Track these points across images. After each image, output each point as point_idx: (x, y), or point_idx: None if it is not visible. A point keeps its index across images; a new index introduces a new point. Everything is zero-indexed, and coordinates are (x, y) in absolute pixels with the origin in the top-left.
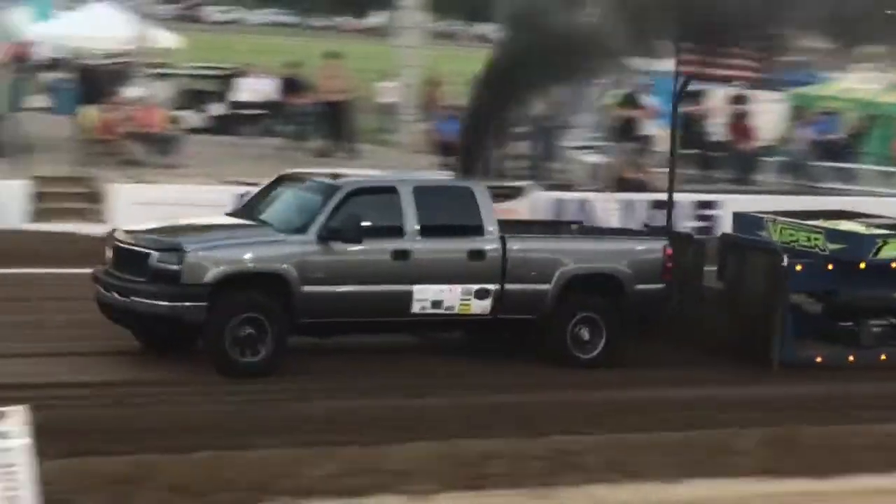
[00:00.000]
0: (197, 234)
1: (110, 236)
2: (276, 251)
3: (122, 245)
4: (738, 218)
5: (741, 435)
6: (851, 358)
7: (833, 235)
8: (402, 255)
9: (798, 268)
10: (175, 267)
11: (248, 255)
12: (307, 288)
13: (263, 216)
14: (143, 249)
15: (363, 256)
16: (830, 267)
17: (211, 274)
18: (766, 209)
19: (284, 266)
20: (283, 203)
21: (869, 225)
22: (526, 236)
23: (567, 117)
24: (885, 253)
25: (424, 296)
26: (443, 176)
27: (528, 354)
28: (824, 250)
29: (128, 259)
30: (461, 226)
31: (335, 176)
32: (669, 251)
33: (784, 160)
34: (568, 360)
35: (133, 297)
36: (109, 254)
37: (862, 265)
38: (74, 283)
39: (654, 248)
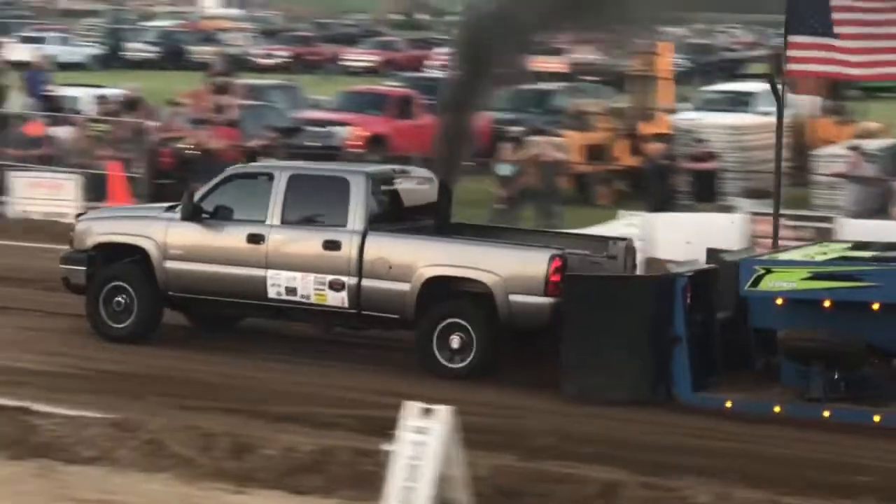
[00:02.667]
0: (108, 212)
1: None
2: (143, 227)
3: None
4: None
5: None
6: (777, 408)
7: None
8: (256, 238)
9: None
10: (70, 234)
11: (118, 228)
12: (168, 263)
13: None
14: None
15: (220, 237)
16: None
17: (89, 242)
18: None
19: (146, 241)
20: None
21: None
22: (390, 233)
23: None
24: (768, 284)
25: (277, 281)
26: (335, 166)
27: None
28: None
29: None
30: (324, 216)
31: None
32: (557, 263)
33: None
34: (435, 369)
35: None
36: None
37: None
38: None
39: (538, 258)
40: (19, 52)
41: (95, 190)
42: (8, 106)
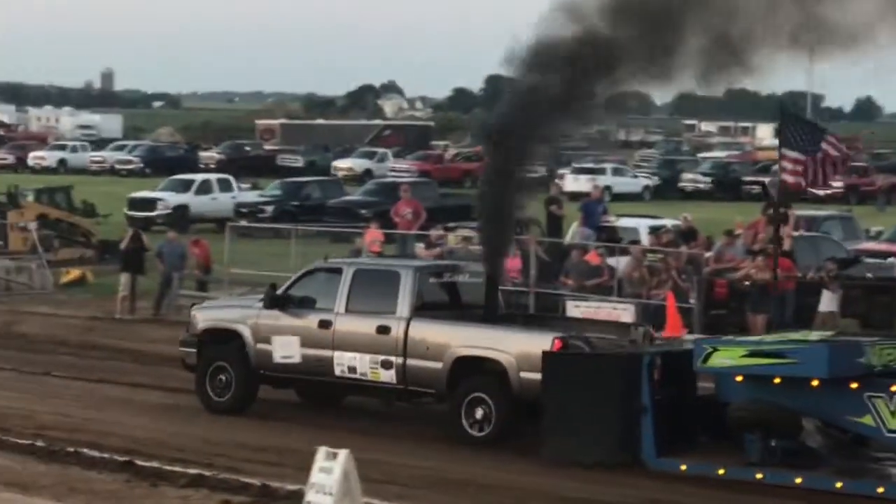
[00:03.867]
0: (216, 302)
1: None
2: (240, 314)
3: None
4: None
5: None
6: (721, 471)
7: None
8: (325, 324)
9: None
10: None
11: (220, 315)
12: (260, 345)
13: None
14: None
15: (297, 322)
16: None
17: (199, 327)
18: None
19: (241, 325)
20: None
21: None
22: (428, 319)
23: None
24: (714, 361)
25: (342, 361)
26: (391, 261)
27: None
28: None
29: None
30: (379, 304)
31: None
32: (559, 344)
33: None
34: (462, 436)
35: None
36: None
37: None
38: None
39: (543, 340)
40: (577, 183)
41: (650, 319)
42: (567, 236)
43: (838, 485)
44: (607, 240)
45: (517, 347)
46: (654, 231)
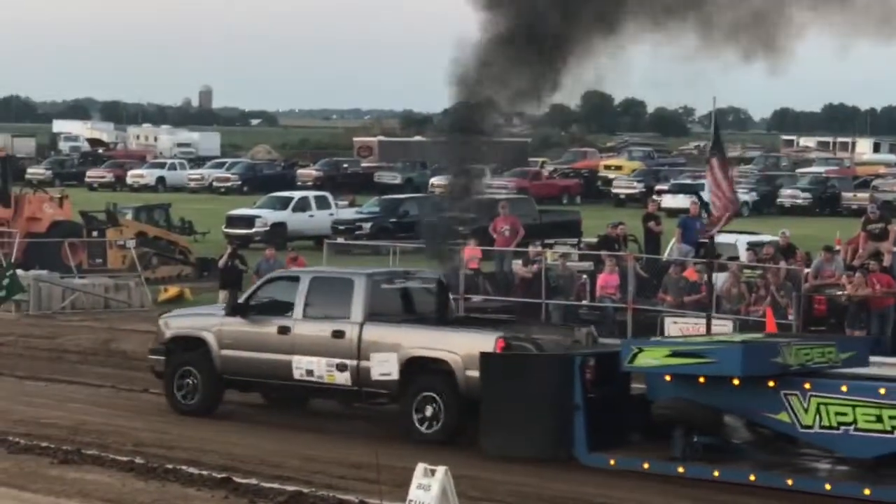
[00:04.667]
0: (181, 311)
1: None
2: (204, 322)
3: None
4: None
5: None
6: (646, 465)
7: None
8: (284, 329)
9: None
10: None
11: (185, 323)
12: (223, 351)
13: None
14: None
15: (257, 329)
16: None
17: (167, 335)
18: None
19: (206, 333)
20: None
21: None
22: (380, 323)
23: None
24: (640, 361)
25: (300, 364)
26: (345, 270)
27: None
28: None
29: None
30: (334, 310)
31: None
32: (501, 343)
33: None
34: (413, 434)
35: None
36: None
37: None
38: None
39: (486, 339)
40: (675, 199)
41: None
42: (665, 252)
43: (752, 477)
44: (705, 256)
45: (463, 347)
46: (753, 247)
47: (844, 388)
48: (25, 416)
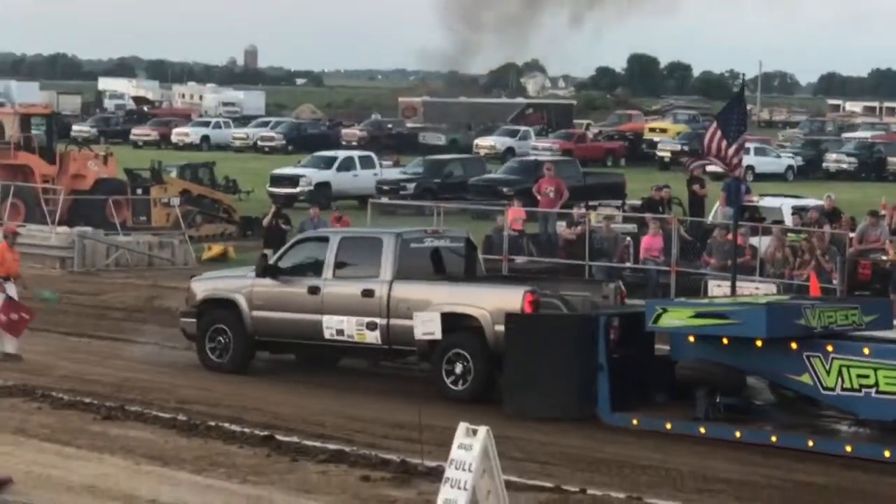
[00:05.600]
0: (211, 274)
1: None
2: (235, 284)
3: None
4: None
5: None
6: (669, 425)
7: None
8: (314, 290)
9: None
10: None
11: (217, 285)
12: (255, 312)
13: None
14: None
15: (288, 290)
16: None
17: (198, 298)
18: None
19: (237, 295)
20: None
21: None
22: (409, 281)
23: None
24: (664, 322)
25: (330, 324)
26: (374, 229)
27: None
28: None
29: None
30: (364, 270)
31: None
32: (530, 297)
33: None
34: (445, 391)
35: None
36: None
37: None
38: None
39: (515, 294)
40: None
41: None
42: (709, 216)
43: (773, 438)
44: (750, 219)
45: (492, 303)
46: (798, 211)
47: (867, 351)
48: (69, 373)
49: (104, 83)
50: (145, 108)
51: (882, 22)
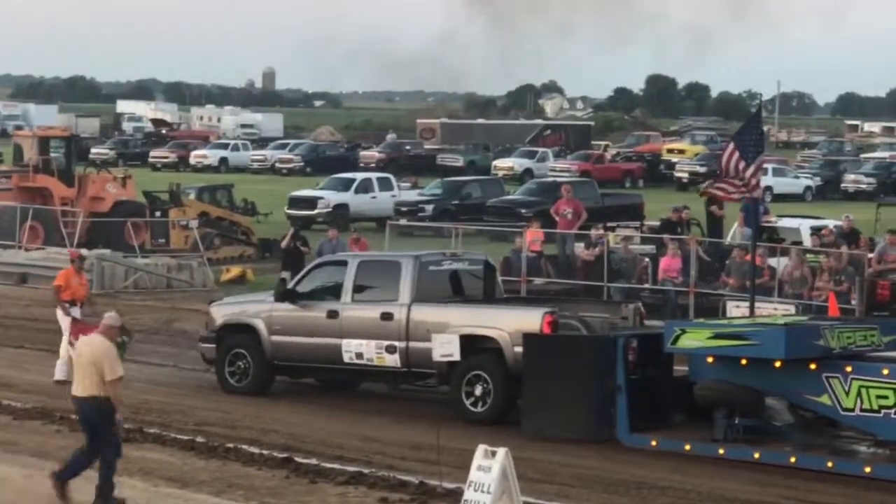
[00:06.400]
0: (231, 299)
1: None
2: (254, 309)
3: None
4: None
5: None
6: (687, 446)
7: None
8: (333, 314)
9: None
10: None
11: (236, 311)
12: (273, 337)
13: None
14: None
15: (307, 314)
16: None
17: (218, 323)
18: None
19: (256, 320)
20: None
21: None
22: (426, 303)
23: None
24: (683, 343)
25: (350, 348)
26: (392, 253)
27: None
28: (879, 345)
29: None
30: (382, 293)
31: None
32: (549, 318)
33: None
34: (464, 414)
35: None
36: None
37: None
38: None
39: (533, 316)
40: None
41: None
42: (728, 236)
43: (792, 459)
44: (768, 240)
45: (511, 325)
46: (816, 232)
47: (886, 372)
48: None
49: (122, 106)
50: (163, 131)
51: None
